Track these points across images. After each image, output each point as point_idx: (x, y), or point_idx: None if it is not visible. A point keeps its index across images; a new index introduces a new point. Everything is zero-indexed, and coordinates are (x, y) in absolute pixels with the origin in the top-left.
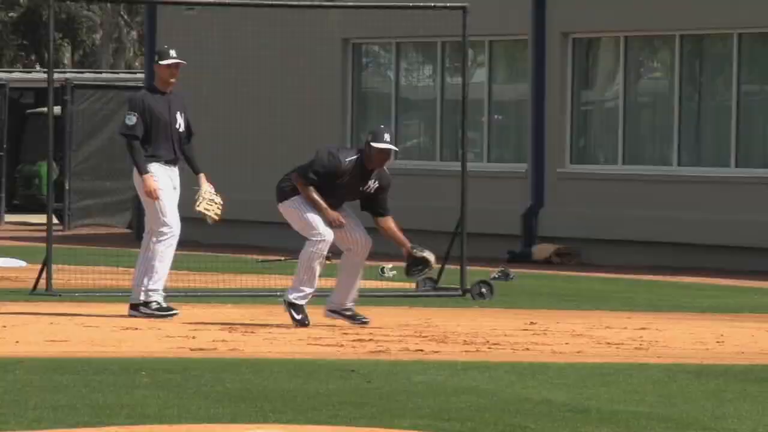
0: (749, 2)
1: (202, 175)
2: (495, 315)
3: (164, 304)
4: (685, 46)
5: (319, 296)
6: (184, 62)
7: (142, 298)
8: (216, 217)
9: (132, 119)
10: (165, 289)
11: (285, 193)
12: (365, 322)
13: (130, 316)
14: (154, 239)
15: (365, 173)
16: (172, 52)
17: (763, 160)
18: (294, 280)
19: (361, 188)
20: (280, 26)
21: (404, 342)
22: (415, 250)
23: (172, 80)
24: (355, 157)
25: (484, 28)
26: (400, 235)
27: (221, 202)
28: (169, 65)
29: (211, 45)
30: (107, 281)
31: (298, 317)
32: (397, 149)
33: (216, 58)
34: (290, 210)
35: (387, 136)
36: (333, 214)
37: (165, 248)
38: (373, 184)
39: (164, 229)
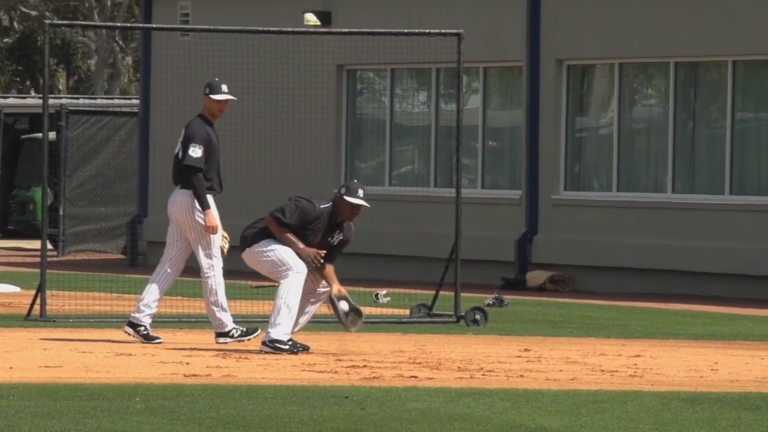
0: (744, 29)
1: None
2: (489, 342)
3: (243, 328)
4: (679, 73)
5: (314, 322)
6: (235, 98)
7: (225, 329)
8: (225, 253)
9: (198, 152)
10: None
11: (247, 240)
12: (306, 349)
13: (125, 333)
14: (208, 274)
15: (334, 224)
16: (224, 87)
17: (757, 187)
18: (272, 319)
19: (329, 239)
20: (274, 52)
21: (398, 368)
22: (341, 301)
23: (221, 113)
24: (328, 205)
25: (479, 54)
26: (334, 276)
27: (228, 237)
28: (220, 100)
29: (205, 71)
30: (101, 307)
31: (287, 347)
32: (369, 205)
33: None
34: (254, 253)
35: (360, 192)
36: (311, 250)
37: (220, 278)
38: (337, 236)
39: (214, 262)
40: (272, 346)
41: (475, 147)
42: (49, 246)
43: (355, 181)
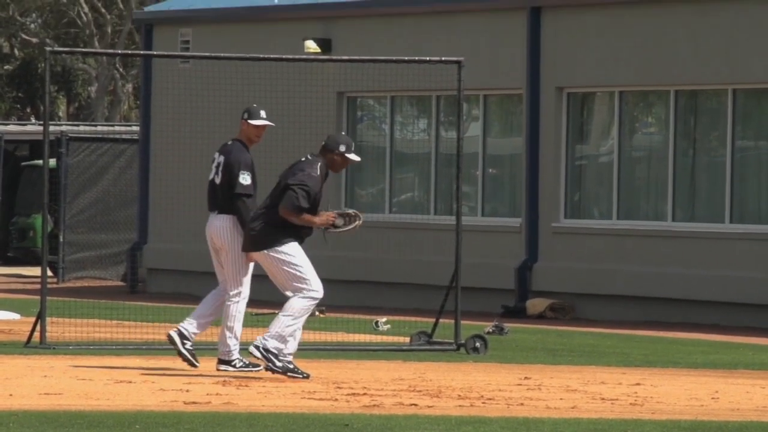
0: (744, 58)
1: None
2: (489, 369)
3: (246, 361)
4: (679, 101)
5: (313, 349)
6: (273, 124)
7: (230, 357)
8: None
9: (247, 179)
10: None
11: (265, 240)
12: (306, 377)
13: (169, 336)
14: (233, 299)
15: (326, 176)
16: (263, 113)
17: (757, 216)
18: (275, 331)
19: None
20: (275, 79)
21: (398, 396)
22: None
23: (258, 140)
24: (319, 163)
25: (479, 82)
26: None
27: None
28: (258, 126)
29: (206, 98)
30: (101, 334)
31: (280, 365)
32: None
33: (211, 111)
34: (274, 259)
35: (353, 145)
36: (324, 219)
37: (243, 307)
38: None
39: (242, 289)
40: (265, 355)
41: (475, 174)
42: (49, 273)
43: (343, 133)
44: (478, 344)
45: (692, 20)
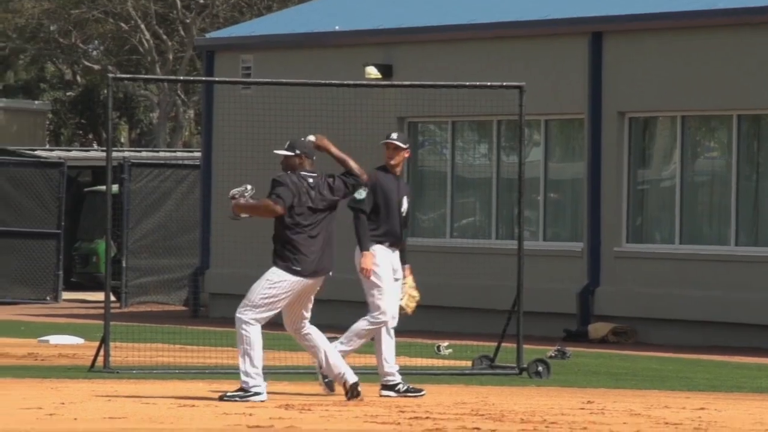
0: None
1: (408, 267)
2: (552, 393)
3: (409, 385)
4: (742, 126)
5: (370, 373)
6: (400, 144)
7: (393, 381)
8: (410, 312)
9: (362, 193)
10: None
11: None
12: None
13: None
14: (367, 320)
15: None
16: (393, 135)
17: None
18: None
19: None
20: (336, 105)
21: (461, 420)
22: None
23: (392, 162)
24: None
25: (540, 107)
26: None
27: (418, 297)
28: (387, 145)
29: (267, 124)
30: (164, 358)
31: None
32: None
33: (272, 135)
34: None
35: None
36: None
37: (370, 329)
38: None
39: (377, 315)
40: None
41: (537, 199)
42: (112, 298)
43: (302, 138)
44: (540, 368)
45: (754, 44)
